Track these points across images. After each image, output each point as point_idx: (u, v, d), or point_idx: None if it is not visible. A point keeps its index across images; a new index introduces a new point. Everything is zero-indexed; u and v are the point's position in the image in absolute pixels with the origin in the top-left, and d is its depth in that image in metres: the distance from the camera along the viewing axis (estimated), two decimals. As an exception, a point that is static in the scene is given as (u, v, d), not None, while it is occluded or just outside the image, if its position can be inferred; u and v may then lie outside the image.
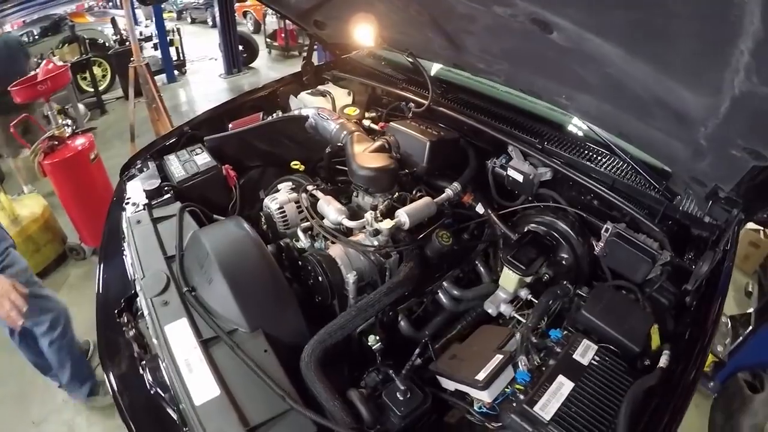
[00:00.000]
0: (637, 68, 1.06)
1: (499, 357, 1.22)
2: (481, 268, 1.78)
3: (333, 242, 1.59)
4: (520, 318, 1.47)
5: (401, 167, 1.84)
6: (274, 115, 2.48)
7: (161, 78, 7.79)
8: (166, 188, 1.84)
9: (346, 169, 1.89)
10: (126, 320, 1.36)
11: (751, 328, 2.75)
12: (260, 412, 1.09)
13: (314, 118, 2.15)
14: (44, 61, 3.69)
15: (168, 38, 7.83)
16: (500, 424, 1.11)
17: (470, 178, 1.84)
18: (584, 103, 1.47)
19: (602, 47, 1.05)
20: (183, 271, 1.42)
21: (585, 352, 1.19)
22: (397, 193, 1.74)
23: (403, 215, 1.56)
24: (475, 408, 1.21)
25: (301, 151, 2.22)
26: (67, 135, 3.53)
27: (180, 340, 1.22)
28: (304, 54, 2.78)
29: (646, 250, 1.42)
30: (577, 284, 1.46)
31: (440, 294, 1.67)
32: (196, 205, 1.78)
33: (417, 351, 1.29)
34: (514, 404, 1.09)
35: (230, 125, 2.36)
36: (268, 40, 9.53)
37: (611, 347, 1.22)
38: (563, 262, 1.66)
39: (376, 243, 1.54)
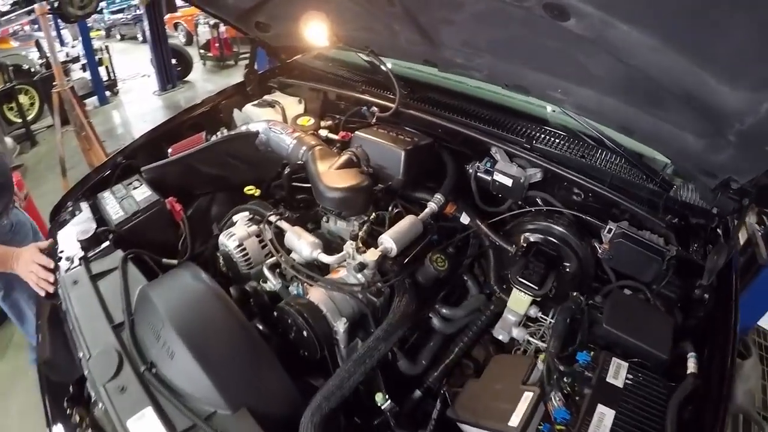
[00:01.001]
0: (667, 59, 0.94)
1: (528, 395, 1.09)
2: (469, 282, 1.63)
3: (311, 284, 1.38)
4: (531, 339, 1.34)
5: (374, 182, 1.63)
6: (219, 133, 2.22)
7: (92, 101, 7.32)
8: (103, 234, 1.57)
9: (308, 186, 1.68)
10: (78, 419, 1.08)
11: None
12: None
13: (265, 133, 1.90)
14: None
15: (97, 57, 7.33)
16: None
17: (452, 186, 1.66)
18: (583, 97, 1.34)
19: (630, 35, 0.92)
20: (137, 344, 1.17)
21: (617, 373, 1.11)
22: (374, 214, 1.55)
23: (388, 241, 1.37)
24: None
25: (252, 171, 2.00)
26: (-9, 176, 3.12)
27: (149, 438, 0.98)
28: (243, 63, 2.53)
29: (654, 248, 1.35)
30: (581, 290, 1.36)
31: (432, 318, 1.51)
32: (140, 251, 1.54)
33: (437, 408, 1.10)
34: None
35: (170, 150, 2.09)
36: (201, 51, 9.21)
37: (639, 360, 1.14)
38: (567, 269, 1.53)
39: (362, 279, 1.33)
